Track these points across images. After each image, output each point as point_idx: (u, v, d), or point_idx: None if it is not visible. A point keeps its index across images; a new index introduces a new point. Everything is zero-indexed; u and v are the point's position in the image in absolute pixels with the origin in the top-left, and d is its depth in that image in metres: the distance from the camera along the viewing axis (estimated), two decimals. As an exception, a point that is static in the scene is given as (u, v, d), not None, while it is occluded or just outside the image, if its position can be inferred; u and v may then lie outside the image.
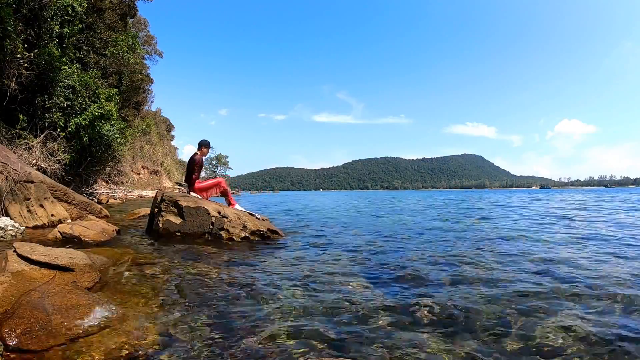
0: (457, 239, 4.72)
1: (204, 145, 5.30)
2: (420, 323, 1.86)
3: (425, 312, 2.01)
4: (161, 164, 29.89)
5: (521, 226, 6.13)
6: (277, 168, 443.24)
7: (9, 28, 7.39)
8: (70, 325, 1.60)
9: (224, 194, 5.30)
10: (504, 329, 1.77)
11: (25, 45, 8.25)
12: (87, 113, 9.87)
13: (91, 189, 11.51)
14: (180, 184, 25.66)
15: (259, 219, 4.81)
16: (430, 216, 8.77)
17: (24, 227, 3.99)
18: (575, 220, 7.17)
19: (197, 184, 5.17)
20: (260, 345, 1.58)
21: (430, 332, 1.74)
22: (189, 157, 5.39)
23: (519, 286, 2.46)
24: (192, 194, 5.06)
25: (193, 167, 5.13)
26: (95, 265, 2.46)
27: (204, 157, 5.35)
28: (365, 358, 1.50)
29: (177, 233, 4.31)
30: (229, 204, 5.18)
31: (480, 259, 3.37)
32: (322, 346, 1.60)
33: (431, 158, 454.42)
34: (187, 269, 2.85)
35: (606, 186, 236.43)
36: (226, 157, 64.18)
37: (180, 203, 4.40)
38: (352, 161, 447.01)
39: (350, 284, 2.56)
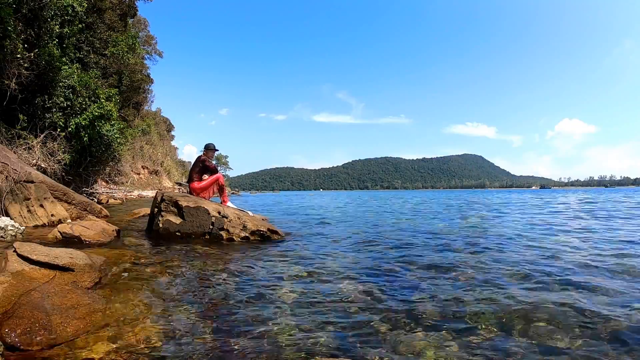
0: (461, 240, 4.72)
1: (208, 148, 5.44)
2: (420, 323, 1.86)
3: (426, 312, 2.01)
4: (161, 164, 29.87)
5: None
6: (277, 168, 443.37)
7: (9, 28, 7.38)
8: (70, 325, 1.61)
9: (221, 190, 5.33)
10: (505, 329, 1.77)
11: (25, 45, 8.24)
12: (87, 113, 9.87)
13: (91, 189, 11.50)
14: (180, 184, 25.66)
15: (250, 214, 4.85)
16: (435, 217, 8.77)
17: (24, 227, 3.99)
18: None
19: (197, 185, 5.18)
20: (260, 346, 1.58)
21: (430, 332, 1.74)
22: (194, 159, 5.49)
23: (522, 288, 2.47)
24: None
25: (195, 166, 5.23)
26: (95, 265, 2.46)
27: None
28: (365, 358, 1.50)
29: (177, 233, 4.31)
30: (222, 201, 5.24)
31: (481, 260, 3.37)
32: (322, 346, 1.60)
33: (431, 158, 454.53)
34: (187, 269, 2.85)
35: (606, 186, 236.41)
36: (226, 157, 64.24)
37: (180, 203, 4.40)
38: (352, 161, 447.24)
39: (350, 284, 2.56)
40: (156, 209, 4.59)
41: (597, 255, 3.47)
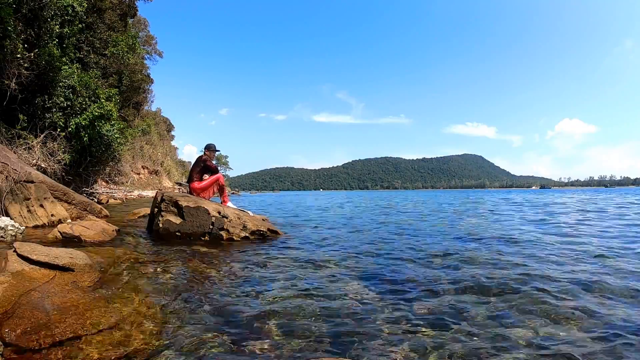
0: (458, 239, 4.72)
1: (209, 148, 5.43)
2: (418, 322, 1.86)
3: (424, 311, 2.01)
4: (161, 164, 29.86)
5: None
6: (277, 168, 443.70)
7: (9, 28, 7.38)
8: (70, 325, 1.61)
9: (221, 190, 5.33)
10: (503, 328, 1.77)
11: (25, 45, 8.24)
12: (87, 113, 9.86)
13: (91, 189, 11.49)
14: (180, 184, 25.66)
15: (250, 214, 4.84)
16: (436, 217, 8.77)
17: (24, 227, 3.99)
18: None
19: (197, 185, 5.17)
20: (259, 345, 1.58)
21: (428, 332, 1.74)
22: (195, 159, 5.49)
23: (518, 288, 2.47)
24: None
25: (196, 166, 5.23)
26: (95, 265, 2.46)
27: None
28: (363, 358, 1.50)
29: (177, 233, 4.31)
30: (222, 201, 5.23)
31: (479, 258, 3.37)
32: (321, 346, 1.60)
33: (431, 158, 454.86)
34: (187, 268, 2.85)
35: (606, 186, 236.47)
36: (226, 157, 64.31)
37: (180, 203, 4.40)
38: (352, 161, 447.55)
39: (349, 283, 2.56)
40: (156, 209, 4.59)
41: None
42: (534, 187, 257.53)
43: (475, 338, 1.68)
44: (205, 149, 5.45)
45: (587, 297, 2.25)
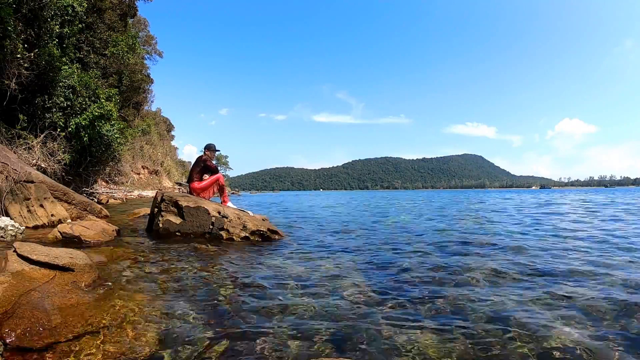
0: (459, 241, 4.72)
1: (209, 148, 5.42)
2: (420, 323, 1.86)
3: (425, 312, 2.01)
4: (161, 164, 29.85)
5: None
6: (277, 168, 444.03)
7: (9, 28, 7.38)
8: (70, 325, 1.61)
9: (221, 190, 5.32)
10: (505, 329, 1.77)
11: (25, 45, 8.24)
12: (87, 113, 9.86)
13: (91, 189, 11.49)
14: (180, 184, 25.65)
15: (250, 214, 4.84)
16: (435, 218, 8.77)
17: (24, 227, 3.99)
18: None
19: (197, 185, 5.17)
20: (259, 345, 1.58)
21: (430, 333, 1.74)
22: (195, 159, 5.48)
23: (522, 287, 2.47)
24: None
25: (196, 166, 5.23)
26: (95, 265, 2.46)
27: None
28: (365, 358, 1.50)
29: (177, 233, 4.31)
30: (222, 201, 5.22)
31: (482, 258, 3.37)
32: (322, 346, 1.60)
33: (431, 158, 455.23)
34: (187, 268, 2.85)
35: (606, 186, 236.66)
36: (226, 157, 64.36)
37: (180, 203, 4.40)
38: (352, 161, 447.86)
39: (350, 283, 2.56)
40: (156, 209, 4.59)
41: None
42: (534, 187, 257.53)
43: (477, 338, 1.68)
44: (205, 149, 5.44)
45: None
